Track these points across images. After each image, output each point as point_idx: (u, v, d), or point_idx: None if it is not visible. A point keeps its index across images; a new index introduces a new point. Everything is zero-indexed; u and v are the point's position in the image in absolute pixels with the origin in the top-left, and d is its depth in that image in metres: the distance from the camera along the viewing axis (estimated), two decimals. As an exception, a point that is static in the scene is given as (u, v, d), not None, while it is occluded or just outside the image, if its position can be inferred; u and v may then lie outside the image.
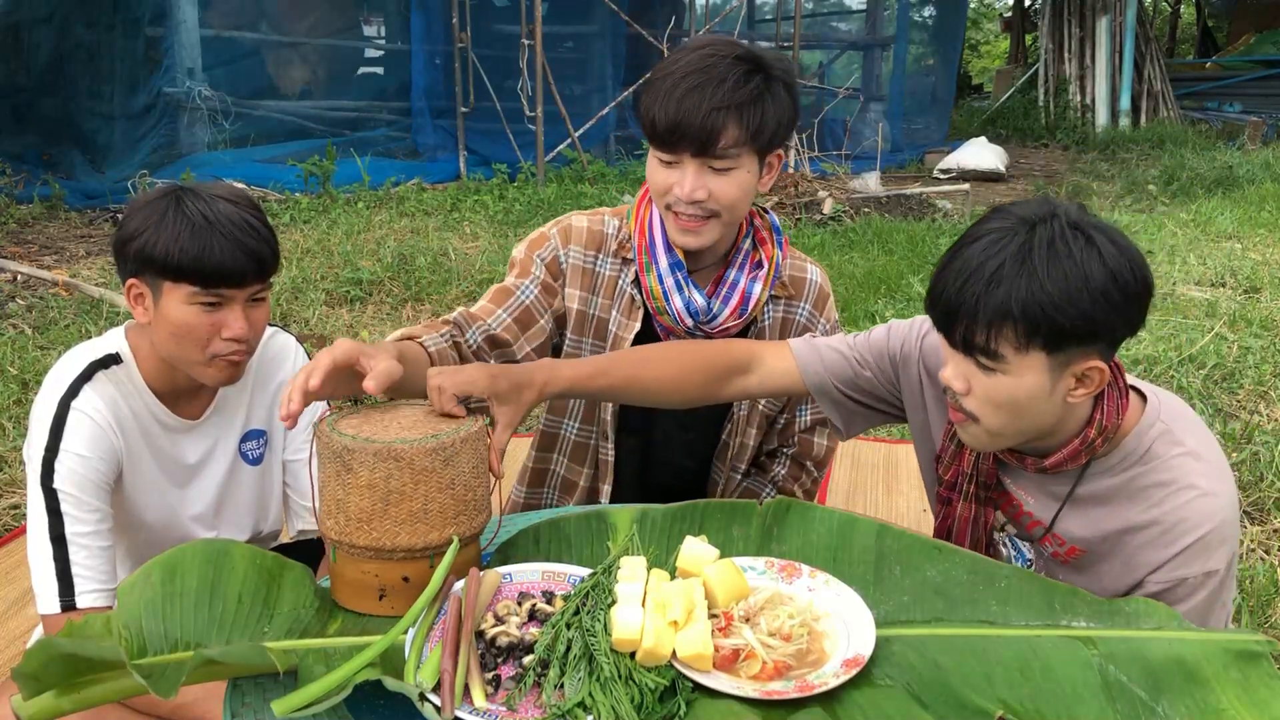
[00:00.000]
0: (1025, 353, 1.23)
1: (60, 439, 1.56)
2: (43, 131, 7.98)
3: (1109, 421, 1.32)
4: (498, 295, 1.73)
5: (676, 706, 1.07)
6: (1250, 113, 13.17)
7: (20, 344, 4.29)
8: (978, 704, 1.08)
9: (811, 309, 1.84)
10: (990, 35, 25.82)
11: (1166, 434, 1.34)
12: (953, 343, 1.28)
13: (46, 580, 1.55)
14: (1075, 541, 1.40)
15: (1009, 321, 1.21)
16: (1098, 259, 1.20)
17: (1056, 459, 1.35)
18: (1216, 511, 1.30)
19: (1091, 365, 1.25)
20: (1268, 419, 3.70)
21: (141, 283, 1.58)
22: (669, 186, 1.60)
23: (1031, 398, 1.26)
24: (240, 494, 1.83)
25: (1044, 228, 1.23)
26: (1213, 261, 6.01)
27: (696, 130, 1.54)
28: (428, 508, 1.23)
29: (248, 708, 1.11)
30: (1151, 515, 1.32)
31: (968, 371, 1.29)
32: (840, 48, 13.49)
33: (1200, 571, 1.30)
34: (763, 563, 1.31)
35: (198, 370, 1.62)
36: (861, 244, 6.68)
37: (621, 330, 1.76)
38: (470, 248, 6.26)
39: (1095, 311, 1.20)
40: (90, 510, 1.57)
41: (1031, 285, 1.20)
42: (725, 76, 1.54)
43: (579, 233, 1.77)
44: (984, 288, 1.22)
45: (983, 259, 1.23)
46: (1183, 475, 1.31)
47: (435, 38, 9.25)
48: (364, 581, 1.25)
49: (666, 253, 1.71)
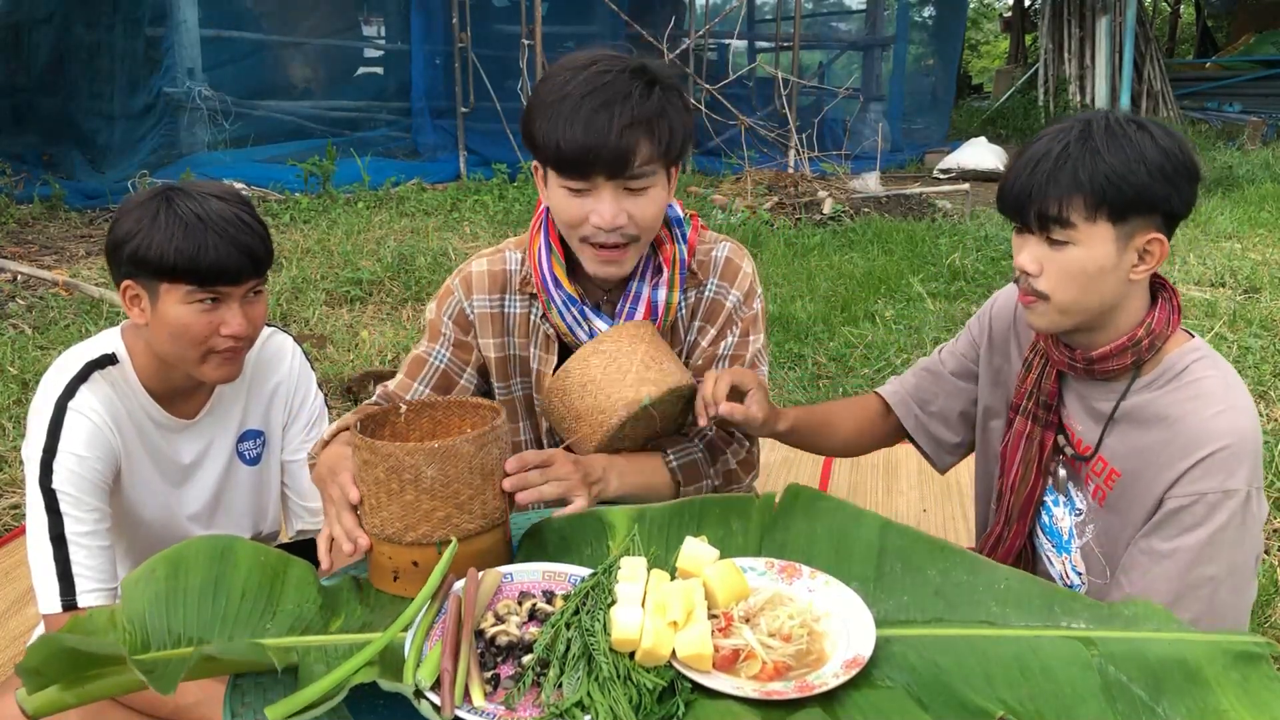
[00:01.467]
0: (1094, 222, 1.38)
1: (58, 439, 1.57)
2: (43, 131, 7.99)
3: (1158, 326, 1.45)
4: (413, 367, 1.71)
5: (675, 707, 1.07)
6: (1250, 113, 13.17)
7: (20, 344, 4.29)
8: (978, 704, 1.08)
9: (719, 282, 1.73)
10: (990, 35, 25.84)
11: (1205, 360, 1.45)
12: (1026, 224, 1.43)
13: (47, 580, 1.55)
14: (1114, 460, 1.49)
15: (1078, 192, 1.37)
16: (1150, 140, 1.38)
17: (1104, 352, 1.46)
18: (1237, 428, 1.37)
19: (1152, 238, 1.40)
20: (1268, 419, 3.70)
21: (137, 285, 1.57)
22: (583, 217, 1.51)
23: (1101, 269, 1.40)
24: (237, 493, 1.83)
25: (1099, 120, 1.41)
26: (1213, 261, 6.01)
27: (610, 151, 1.45)
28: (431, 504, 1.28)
29: (248, 707, 1.11)
30: (1178, 428, 1.41)
31: (1040, 254, 1.42)
32: (840, 48, 13.49)
33: (1219, 488, 1.36)
34: (763, 563, 1.31)
35: (197, 368, 1.62)
36: (861, 244, 6.68)
37: (542, 365, 1.71)
38: (470, 248, 6.27)
39: (1153, 183, 1.36)
40: (89, 510, 1.57)
41: (1096, 160, 1.36)
42: (629, 92, 1.46)
43: (479, 278, 1.70)
44: (1053, 165, 1.38)
45: (1048, 147, 1.40)
46: (1212, 393, 1.41)
47: (435, 38, 9.25)
48: (381, 563, 1.32)
49: (557, 289, 1.63)
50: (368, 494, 1.31)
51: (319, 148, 7.94)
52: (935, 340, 4.72)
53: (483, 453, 1.29)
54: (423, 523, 1.28)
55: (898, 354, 4.52)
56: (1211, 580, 1.38)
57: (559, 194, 1.53)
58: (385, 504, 1.28)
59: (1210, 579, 1.38)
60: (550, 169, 1.52)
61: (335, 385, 4.05)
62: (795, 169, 9.25)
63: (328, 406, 1.95)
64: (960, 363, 1.77)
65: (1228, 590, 1.39)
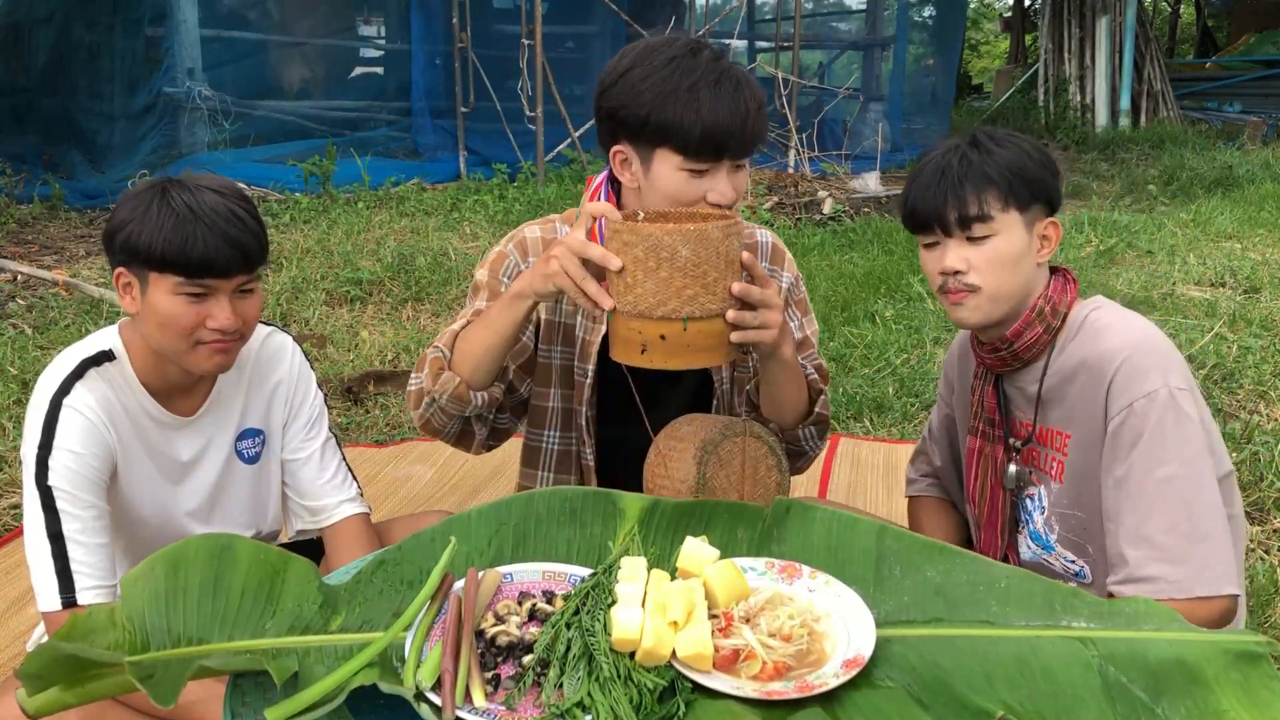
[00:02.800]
0: (1007, 211, 1.56)
1: (53, 436, 1.57)
2: (43, 131, 7.98)
3: (1055, 294, 1.62)
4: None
5: (676, 707, 1.07)
6: (1250, 113, 13.16)
7: (20, 344, 4.29)
8: (978, 704, 1.08)
9: (770, 265, 1.87)
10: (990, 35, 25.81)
11: (1102, 309, 1.62)
12: (947, 231, 1.57)
13: (46, 578, 1.55)
14: (1062, 426, 1.62)
15: (990, 185, 1.55)
16: (1026, 143, 1.61)
17: (1016, 329, 1.61)
18: (1130, 340, 1.52)
19: (1049, 224, 1.60)
20: (1268, 419, 3.70)
21: (129, 272, 1.59)
22: (701, 195, 1.61)
23: (1020, 252, 1.57)
24: (235, 491, 1.83)
25: (980, 134, 1.61)
26: (1212, 261, 6.01)
27: (748, 134, 1.58)
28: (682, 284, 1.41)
29: (248, 708, 1.11)
30: (1086, 364, 1.56)
31: (964, 252, 1.57)
32: (840, 48, 13.48)
33: (1139, 394, 1.48)
34: (763, 563, 1.31)
35: (186, 359, 1.62)
36: (861, 244, 6.67)
37: (589, 334, 1.78)
38: (470, 248, 6.26)
39: (1041, 174, 1.58)
40: (86, 507, 1.58)
41: (994, 157, 1.56)
42: (738, 79, 1.58)
43: (534, 244, 1.77)
44: (959, 171, 1.56)
45: (945, 161, 1.58)
46: (1108, 324, 1.57)
47: (435, 38, 9.25)
48: (629, 337, 1.45)
49: None
50: (627, 273, 1.42)
51: (319, 148, 7.93)
52: (935, 340, 4.72)
53: (728, 240, 1.42)
54: (673, 299, 1.40)
55: (897, 354, 4.52)
56: (1173, 480, 1.44)
57: (677, 176, 1.61)
58: (640, 281, 1.41)
59: (1170, 478, 1.44)
60: (675, 152, 1.59)
61: (335, 385, 4.05)
62: (795, 169, 9.25)
63: (328, 407, 1.95)
64: (941, 420, 1.95)
65: (1191, 485, 1.45)
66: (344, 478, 1.91)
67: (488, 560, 1.34)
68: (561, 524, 1.39)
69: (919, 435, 3.74)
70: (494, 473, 3.32)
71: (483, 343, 1.61)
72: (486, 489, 3.23)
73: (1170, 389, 1.47)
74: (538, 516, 1.40)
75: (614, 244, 1.44)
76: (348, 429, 3.72)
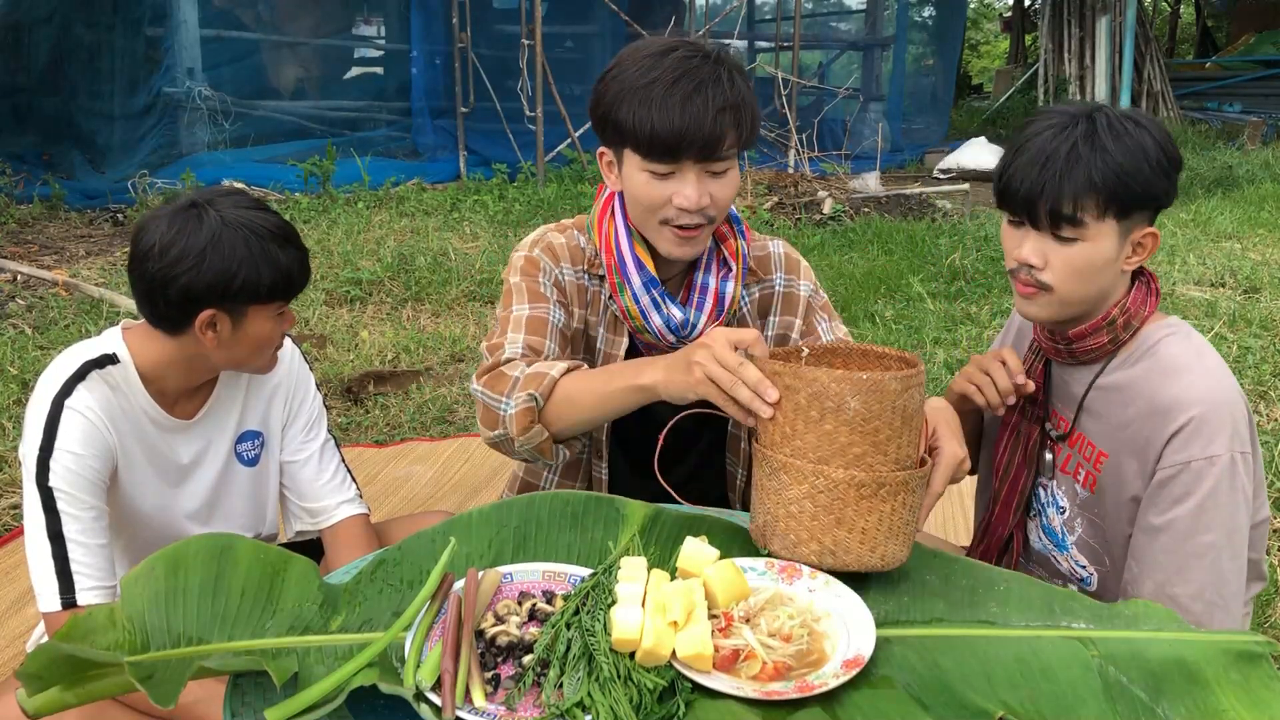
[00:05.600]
0: (1103, 220, 1.42)
1: (54, 438, 1.57)
2: (43, 131, 7.98)
3: (1133, 306, 1.50)
4: (534, 325, 1.65)
5: (676, 707, 1.07)
6: (1250, 113, 13.17)
7: (20, 344, 4.29)
8: (978, 705, 1.08)
9: (785, 276, 1.80)
10: (990, 35, 25.83)
11: (1175, 335, 1.50)
12: (1035, 222, 1.46)
13: (46, 578, 1.56)
14: (1098, 441, 1.53)
15: (1092, 191, 1.40)
16: (1149, 136, 1.43)
17: (1080, 330, 1.51)
18: (1209, 394, 1.41)
19: (1147, 232, 1.47)
20: (1268, 419, 3.70)
21: (220, 311, 1.61)
22: (666, 199, 1.55)
23: (1105, 262, 1.45)
24: (234, 493, 1.84)
25: (1100, 115, 1.44)
26: (1212, 261, 6.01)
27: (704, 136, 1.49)
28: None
29: (248, 708, 1.11)
30: (1151, 402, 1.45)
31: (1044, 247, 1.46)
32: (840, 48, 13.48)
33: (1201, 454, 1.39)
34: (763, 563, 1.31)
35: (256, 369, 1.75)
36: (861, 244, 6.67)
37: (610, 348, 1.73)
38: (470, 248, 6.26)
39: (1154, 178, 1.42)
40: (86, 508, 1.58)
41: (1106, 159, 1.40)
42: (716, 78, 1.51)
43: (562, 249, 1.72)
44: (1065, 165, 1.40)
45: (1054, 144, 1.42)
46: (1181, 364, 1.45)
47: (435, 38, 9.25)
48: None
49: (638, 270, 1.65)
50: (783, 420, 1.27)
51: (319, 148, 7.93)
52: (935, 340, 4.72)
53: (906, 394, 1.25)
54: (838, 456, 1.25)
55: (898, 354, 4.52)
56: (1211, 547, 1.40)
57: (641, 178, 1.55)
58: (801, 431, 1.25)
59: (1210, 546, 1.40)
60: (634, 153, 1.54)
61: (335, 385, 4.05)
62: (795, 169, 9.25)
63: (327, 407, 1.95)
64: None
65: (1228, 557, 1.41)
66: (343, 479, 1.91)
67: (488, 562, 1.34)
68: (563, 528, 1.39)
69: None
70: (494, 473, 3.32)
71: (588, 410, 1.49)
72: (486, 489, 3.23)
73: (1233, 454, 1.39)
74: (539, 520, 1.39)
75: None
76: (348, 429, 3.72)
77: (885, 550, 1.27)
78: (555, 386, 1.49)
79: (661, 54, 1.53)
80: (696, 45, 1.56)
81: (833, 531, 1.26)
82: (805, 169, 9.12)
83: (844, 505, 1.25)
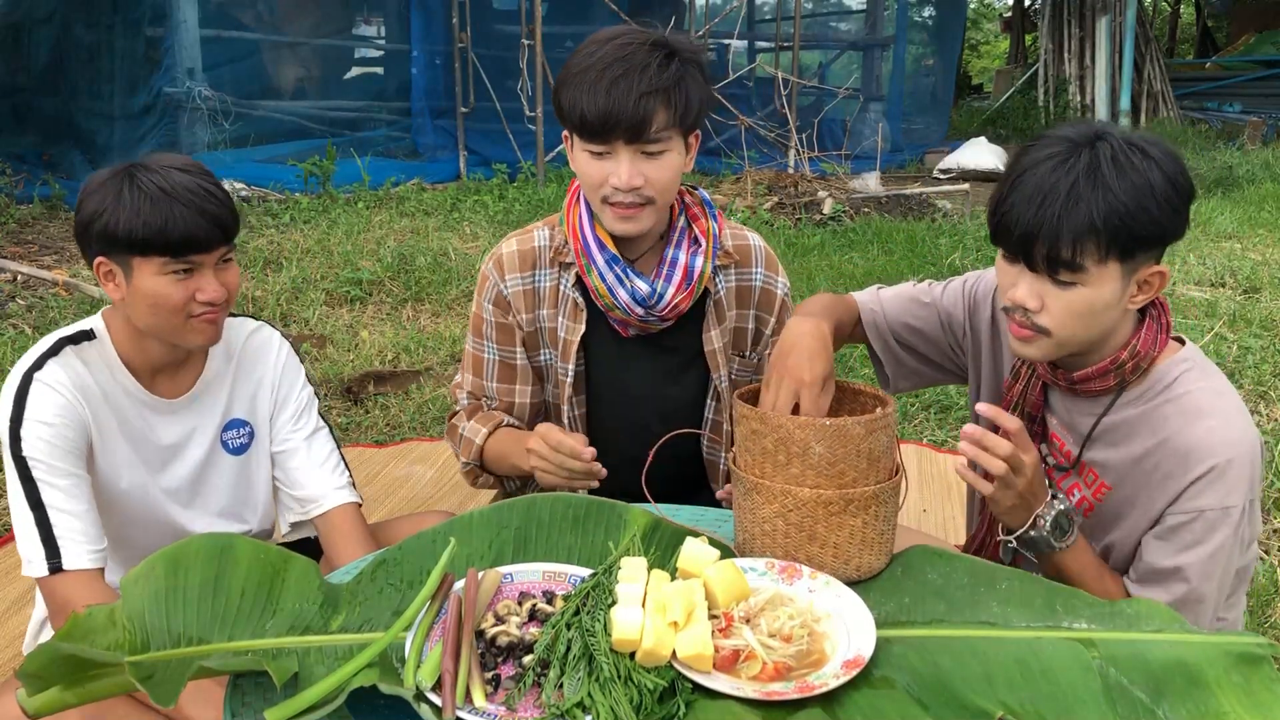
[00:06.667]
0: (1105, 263, 1.31)
1: (24, 409, 1.59)
2: (43, 131, 7.97)
3: (1144, 348, 1.40)
4: (475, 365, 1.88)
5: (676, 707, 1.07)
6: (1250, 113, 13.16)
7: (20, 344, 4.28)
8: (978, 705, 1.08)
9: (765, 271, 1.88)
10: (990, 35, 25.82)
11: (1194, 370, 1.41)
12: (1030, 264, 1.34)
13: (33, 545, 1.57)
14: (1103, 473, 1.46)
15: (1092, 235, 1.28)
16: (1157, 169, 1.30)
17: (1085, 374, 1.42)
18: (1234, 443, 1.34)
19: (1154, 271, 1.35)
20: (1268, 419, 3.70)
21: (109, 261, 1.61)
22: (604, 178, 1.63)
23: (1106, 306, 1.34)
24: (217, 480, 1.84)
25: (1104, 145, 1.31)
26: (1213, 261, 6.01)
27: (629, 117, 1.56)
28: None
29: (248, 707, 1.11)
30: (1171, 442, 1.37)
31: (1041, 289, 1.35)
32: (840, 48, 13.48)
33: (1218, 505, 1.33)
34: (763, 564, 1.31)
35: (180, 335, 1.65)
36: (861, 244, 6.67)
37: (568, 334, 1.81)
38: (470, 248, 6.26)
39: (1161, 216, 1.30)
40: (63, 475, 1.59)
41: (1109, 198, 1.28)
42: (648, 63, 1.58)
43: (510, 258, 1.82)
44: (1063, 205, 1.28)
45: (1053, 180, 1.30)
46: (1204, 406, 1.37)
47: (435, 38, 9.25)
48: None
49: (600, 249, 1.74)
50: (752, 463, 1.33)
51: (319, 148, 7.94)
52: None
53: (871, 437, 1.29)
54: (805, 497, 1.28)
55: (898, 354, 4.51)
56: (1203, 600, 1.38)
57: (582, 157, 1.65)
58: (770, 474, 1.31)
59: (1203, 598, 1.38)
60: (575, 134, 1.64)
61: (335, 385, 4.05)
62: (795, 169, 9.25)
63: (328, 407, 1.95)
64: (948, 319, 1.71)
65: (1212, 606, 1.40)
66: (334, 467, 1.89)
67: (488, 563, 1.34)
68: (564, 530, 1.39)
69: (918, 434, 3.76)
70: (494, 473, 3.32)
71: (507, 470, 1.81)
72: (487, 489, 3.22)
73: (1244, 506, 1.34)
74: (539, 521, 1.39)
75: (741, 429, 1.35)
76: (347, 429, 3.72)
77: (860, 562, 1.31)
78: (483, 451, 1.82)
79: (604, 41, 1.62)
80: (639, 33, 1.64)
81: (805, 548, 1.30)
82: (805, 169, 9.12)
83: (814, 522, 1.29)
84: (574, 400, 1.84)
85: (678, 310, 1.76)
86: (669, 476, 1.84)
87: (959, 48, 15.17)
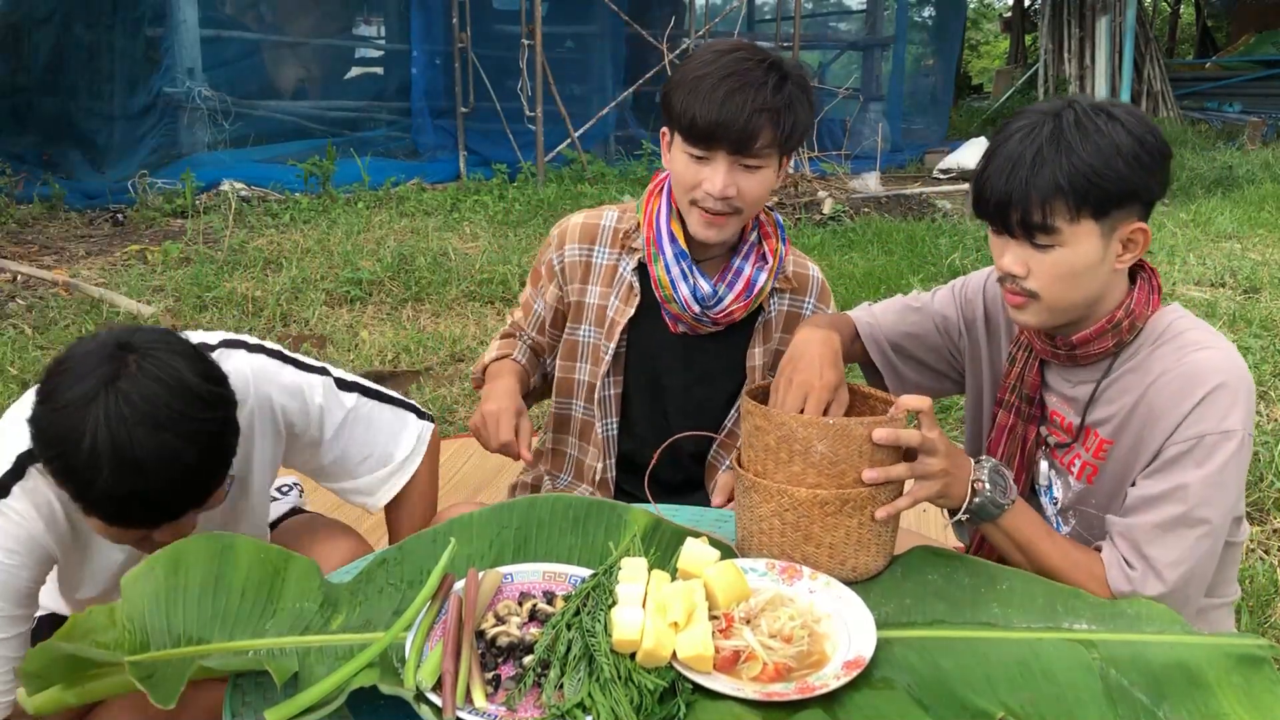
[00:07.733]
0: (1077, 222, 1.35)
1: None
2: (43, 131, 7.98)
3: (1138, 307, 1.45)
4: (525, 308, 1.99)
5: (676, 708, 1.07)
6: (1250, 113, 13.16)
7: (20, 344, 4.29)
8: (978, 706, 1.08)
9: (816, 303, 1.96)
10: (990, 35, 25.82)
11: (1185, 318, 1.47)
12: (1009, 230, 1.40)
13: None
14: (1104, 430, 1.48)
15: (1059, 195, 1.34)
16: (1121, 129, 1.35)
17: (1084, 336, 1.46)
18: (1229, 366, 1.37)
19: (1135, 228, 1.39)
20: (1268, 419, 3.70)
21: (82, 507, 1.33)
22: (699, 181, 1.67)
23: (1088, 265, 1.38)
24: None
25: (1068, 112, 1.37)
26: (1212, 261, 6.01)
27: (738, 131, 1.61)
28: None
29: (248, 707, 1.11)
30: (1169, 374, 1.40)
31: (1025, 255, 1.40)
32: (840, 48, 13.48)
33: (1217, 429, 1.35)
34: (763, 564, 1.31)
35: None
36: (861, 244, 6.67)
37: (617, 315, 1.86)
38: (470, 248, 6.26)
39: (1130, 173, 1.34)
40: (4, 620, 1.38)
41: (1072, 159, 1.33)
42: (764, 81, 1.63)
43: (574, 229, 1.91)
44: (1030, 171, 1.35)
45: (1021, 149, 1.37)
46: (1199, 339, 1.41)
47: (435, 38, 9.25)
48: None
49: (671, 242, 1.79)
50: (755, 459, 1.34)
51: (319, 148, 7.93)
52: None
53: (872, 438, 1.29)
54: (805, 492, 1.29)
55: (898, 354, 4.52)
56: (1205, 523, 1.36)
57: (681, 158, 1.69)
58: (771, 471, 1.32)
59: (1204, 521, 1.36)
60: (679, 135, 1.69)
61: (335, 385, 4.04)
62: (795, 169, 9.24)
63: None
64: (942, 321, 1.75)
65: (1212, 540, 1.37)
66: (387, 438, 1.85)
67: (489, 563, 1.34)
68: (564, 530, 1.39)
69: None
70: (495, 471, 3.31)
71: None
72: (488, 488, 3.22)
73: (1245, 434, 1.36)
74: (540, 521, 1.40)
75: (745, 425, 1.37)
76: (348, 429, 3.71)
77: (856, 563, 1.31)
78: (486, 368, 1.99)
79: (723, 53, 1.67)
80: (757, 50, 1.69)
81: (801, 547, 1.31)
82: (805, 169, 9.12)
83: (810, 522, 1.29)
84: (610, 379, 1.88)
85: (731, 317, 1.81)
86: (679, 465, 1.93)
87: (959, 48, 15.17)
